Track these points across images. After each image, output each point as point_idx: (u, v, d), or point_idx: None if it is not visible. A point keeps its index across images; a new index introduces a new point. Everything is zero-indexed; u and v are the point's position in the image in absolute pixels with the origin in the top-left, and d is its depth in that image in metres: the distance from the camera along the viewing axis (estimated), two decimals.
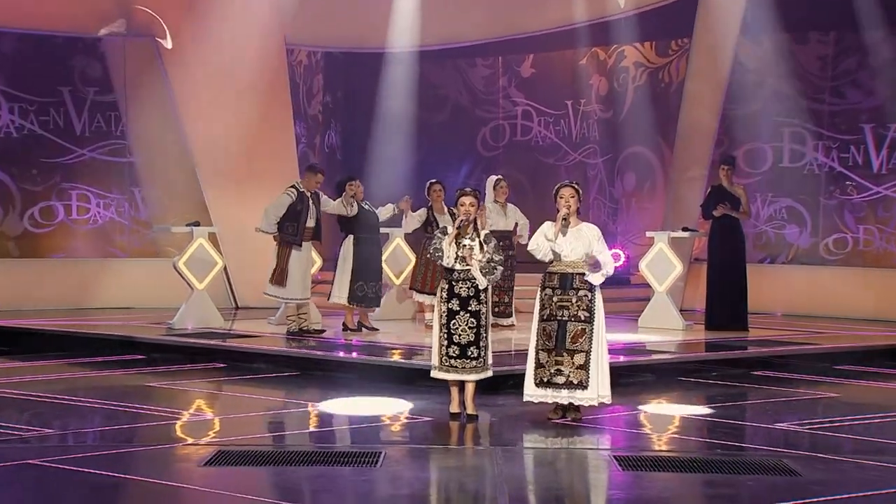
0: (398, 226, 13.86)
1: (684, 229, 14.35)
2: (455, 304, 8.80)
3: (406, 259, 14.30)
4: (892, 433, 8.90)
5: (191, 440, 8.38)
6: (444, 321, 8.82)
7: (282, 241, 12.71)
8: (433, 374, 8.97)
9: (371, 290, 12.97)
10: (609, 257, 8.76)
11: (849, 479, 7.24)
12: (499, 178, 13.79)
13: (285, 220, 12.65)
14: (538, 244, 8.75)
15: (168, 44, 16.09)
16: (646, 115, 17.32)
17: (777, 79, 15.89)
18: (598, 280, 8.71)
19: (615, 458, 7.72)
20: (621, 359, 11.19)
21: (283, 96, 16.77)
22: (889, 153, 15.44)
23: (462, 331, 8.79)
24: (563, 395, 8.70)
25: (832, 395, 10.43)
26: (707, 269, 13.95)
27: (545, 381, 8.70)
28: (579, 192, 8.83)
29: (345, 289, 12.85)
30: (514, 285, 13.51)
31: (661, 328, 13.53)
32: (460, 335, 8.79)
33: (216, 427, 9.07)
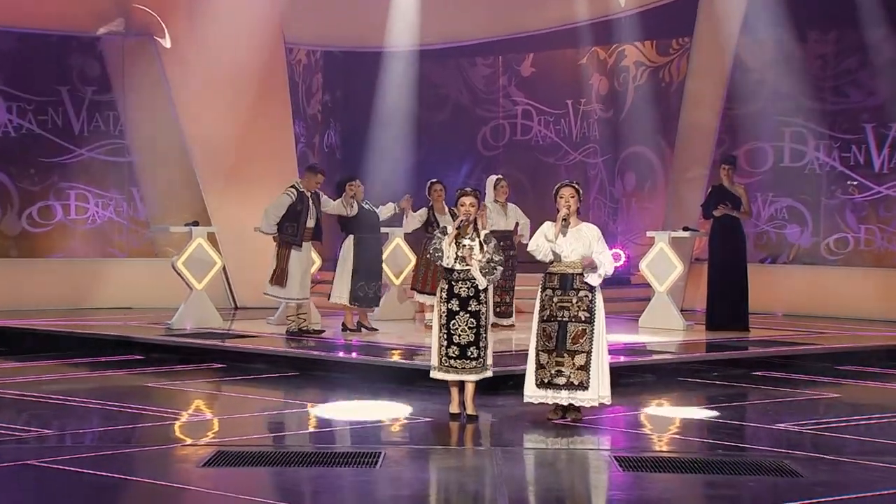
0: (399, 225, 13.83)
1: (685, 229, 14.32)
2: (455, 305, 8.78)
3: (406, 259, 14.27)
4: (893, 434, 8.87)
5: (190, 441, 8.37)
6: (443, 321, 8.80)
7: (281, 241, 12.69)
8: (433, 374, 8.95)
9: (372, 290, 12.95)
10: (609, 258, 8.74)
11: (850, 480, 7.23)
12: (499, 177, 13.77)
13: (285, 220, 12.63)
14: (538, 245, 8.73)
15: (167, 43, 16.05)
16: (646, 114, 17.30)
17: (778, 78, 15.86)
18: (597, 281, 8.68)
19: (616, 458, 7.71)
20: (622, 359, 11.18)
21: (282, 95, 16.74)
22: (890, 153, 15.41)
23: (462, 331, 8.77)
24: (564, 396, 8.69)
25: (833, 395, 10.41)
26: (708, 269, 13.92)
27: (545, 382, 8.69)
28: (579, 192, 8.81)
29: (346, 289, 12.82)
30: (515, 285, 13.48)
31: (662, 328, 13.51)
32: (460, 335, 8.77)
33: (215, 427, 9.06)
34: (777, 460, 7.62)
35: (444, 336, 8.80)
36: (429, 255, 9.05)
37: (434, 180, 13.58)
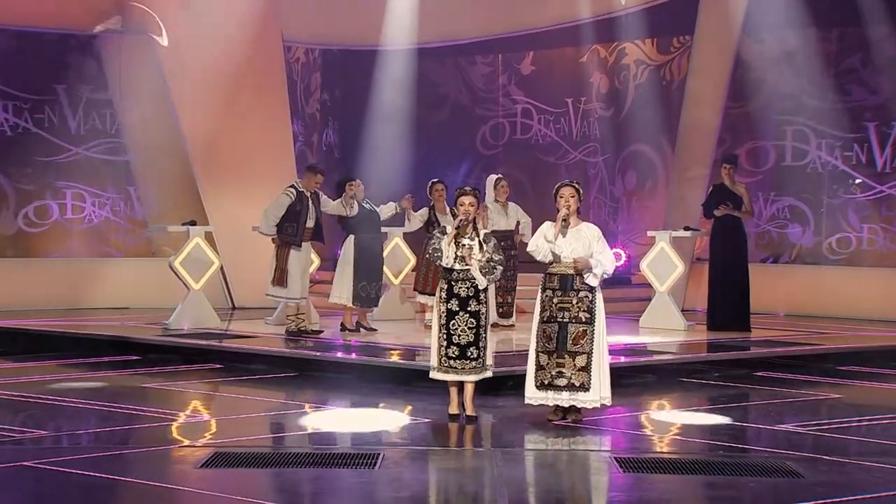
0: (399, 225, 13.78)
1: (686, 229, 14.29)
2: (454, 305, 8.75)
3: (405, 259, 14.24)
4: (895, 434, 8.85)
5: (187, 442, 8.35)
6: (443, 321, 8.78)
7: (281, 241, 12.64)
8: (432, 374, 8.92)
9: (373, 290, 12.91)
10: (609, 257, 8.70)
11: (852, 481, 7.22)
12: (499, 177, 13.74)
13: (284, 220, 12.60)
14: (537, 245, 8.70)
15: (164, 41, 16.03)
16: (647, 113, 17.29)
17: (779, 76, 15.84)
18: (595, 282, 8.64)
19: (616, 459, 7.69)
20: (622, 359, 11.14)
21: (280, 94, 16.74)
22: (893, 151, 15.37)
23: (461, 331, 8.74)
24: (565, 398, 8.66)
25: (835, 396, 10.39)
26: (709, 268, 13.89)
27: (546, 383, 8.66)
28: (579, 192, 8.78)
29: (347, 289, 12.77)
30: (516, 285, 13.43)
31: (663, 328, 13.48)
32: (460, 335, 8.74)
33: (213, 428, 9.04)
34: (778, 461, 7.61)
35: (444, 336, 8.77)
36: (428, 255, 9.01)
37: (435, 180, 13.56)
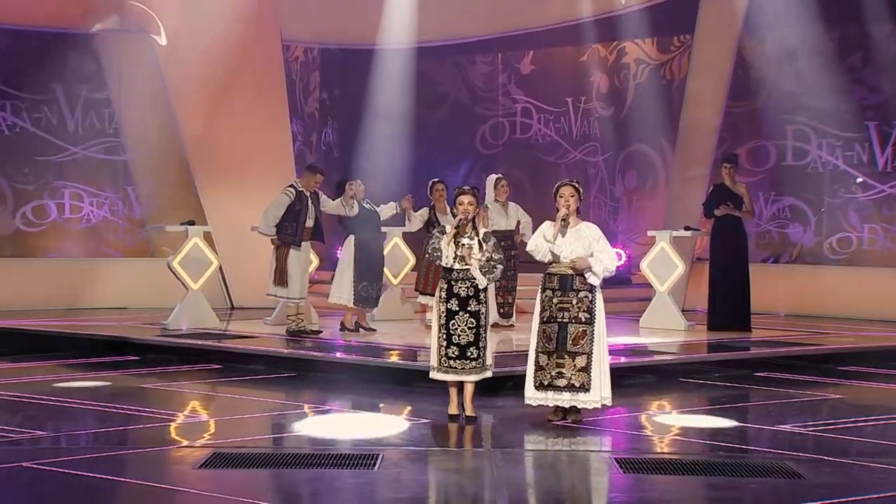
0: (398, 225, 13.74)
1: (686, 228, 14.27)
2: (454, 304, 8.73)
3: (404, 258, 14.21)
4: None
5: (186, 442, 8.34)
6: (443, 321, 8.76)
7: (281, 241, 12.60)
8: (432, 375, 8.90)
9: (374, 290, 12.89)
10: (611, 255, 8.68)
11: (854, 482, 7.20)
12: (499, 176, 13.72)
13: (284, 220, 12.58)
14: (537, 245, 8.68)
15: (162, 40, 16.02)
16: (647, 112, 17.29)
17: (780, 76, 15.81)
18: (597, 280, 8.62)
19: (616, 460, 7.67)
20: (622, 360, 11.11)
21: (279, 93, 16.73)
22: (894, 151, 15.35)
23: (461, 331, 8.72)
24: (565, 398, 8.63)
25: (836, 396, 10.37)
26: (709, 268, 13.87)
27: (545, 383, 8.63)
28: (579, 191, 8.75)
29: (347, 289, 12.75)
30: (517, 285, 13.40)
31: (663, 329, 13.46)
32: (459, 335, 8.72)
33: (211, 429, 9.01)
34: (779, 462, 7.58)
35: (444, 336, 8.74)
36: (427, 255, 8.98)
37: (436, 180, 13.54)
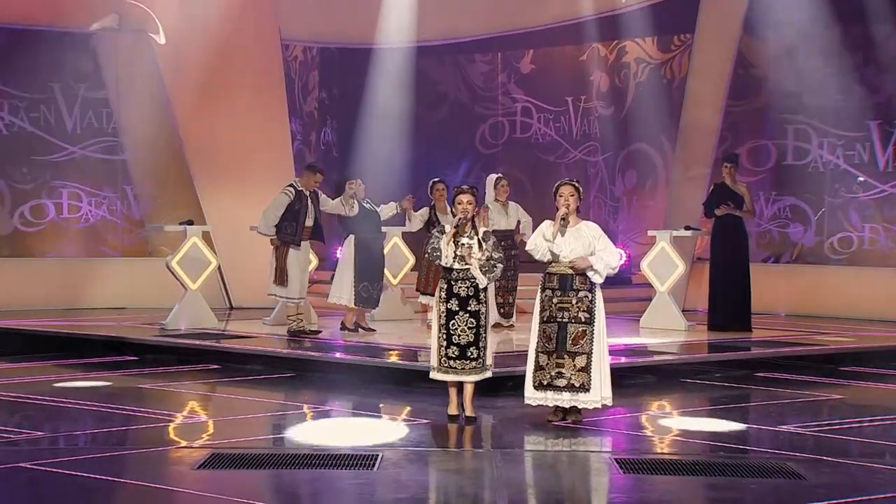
0: (399, 225, 13.71)
1: (687, 228, 14.25)
2: (454, 304, 8.72)
3: (404, 258, 14.18)
4: None
5: (184, 443, 8.33)
6: (443, 321, 8.74)
7: (280, 240, 12.57)
8: (432, 375, 8.89)
9: (375, 290, 12.86)
10: (612, 252, 8.64)
11: (854, 483, 7.20)
12: (499, 176, 13.69)
13: (284, 219, 12.56)
14: (536, 244, 8.66)
15: (161, 39, 16.00)
16: (648, 111, 17.26)
17: (781, 75, 15.77)
18: (600, 279, 8.60)
19: (616, 460, 7.67)
20: (623, 360, 11.09)
21: (278, 92, 16.71)
22: (895, 151, 15.30)
23: (461, 331, 8.70)
24: (566, 398, 8.61)
25: (837, 396, 10.35)
26: (710, 268, 13.84)
27: (545, 383, 8.62)
28: (579, 191, 8.73)
29: (347, 290, 12.73)
30: (517, 285, 13.37)
31: (663, 329, 13.44)
32: (459, 335, 8.70)
33: (210, 429, 9.00)
34: (780, 462, 7.57)
35: (444, 336, 8.73)
36: (427, 255, 8.95)
37: (436, 179, 13.52)
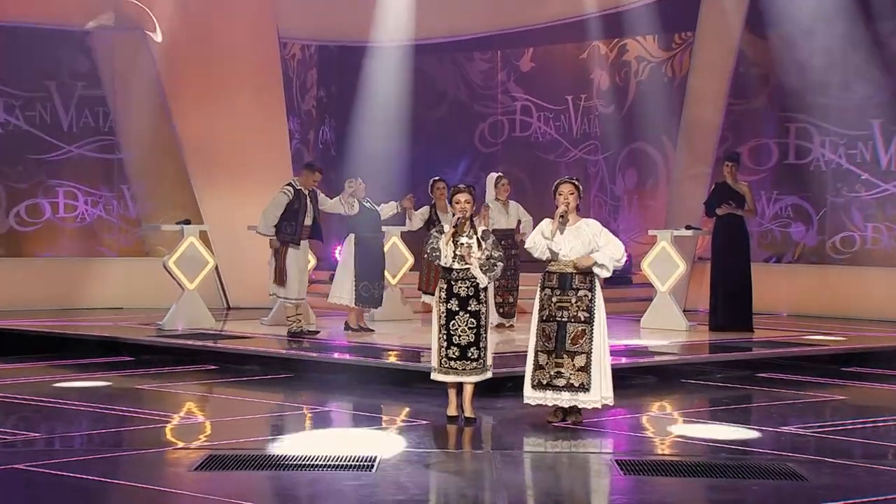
0: (399, 224, 13.67)
1: (688, 227, 14.22)
2: (454, 305, 8.68)
3: (403, 258, 14.15)
4: None
5: (181, 444, 8.32)
6: (443, 322, 8.70)
7: (280, 240, 12.52)
8: (433, 375, 8.86)
9: (376, 290, 12.82)
10: (617, 247, 8.60)
11: (857, 484, 7.17)
12: (500, 175, 13.68)
13: (282, 219, 12.53)
14: (535, 242, 8.64)
15: (158, 37, 15.98)
16: (648, 110, 17.26)
17: (782, 73, 15.75)
18: (606, 273, 8.59)
19: (617, 462, 7.65)
20: (623, 360, 11.07)
21: (276, 91, 16.71)
22: None
23: (462, 331, 8.67)
24: (565, 398, 8.57)
25: (839, 397, 10.33)
26: (711, 268, 13.81)
27: (544, 383, 8.59)
28: (579, 189, 8.70)
29: (348, 289, 12.72)
30: (518, 285, 13.32)
31: (664, 329, 13.41)
32: (460, 336, 8.66)
33: (207, 430, 8.97)
34: (781, 463, 7.55)
35: (444, 337, 8.68)
36: (426, 255, 8.89)
37: (437, 178, 13.52)
